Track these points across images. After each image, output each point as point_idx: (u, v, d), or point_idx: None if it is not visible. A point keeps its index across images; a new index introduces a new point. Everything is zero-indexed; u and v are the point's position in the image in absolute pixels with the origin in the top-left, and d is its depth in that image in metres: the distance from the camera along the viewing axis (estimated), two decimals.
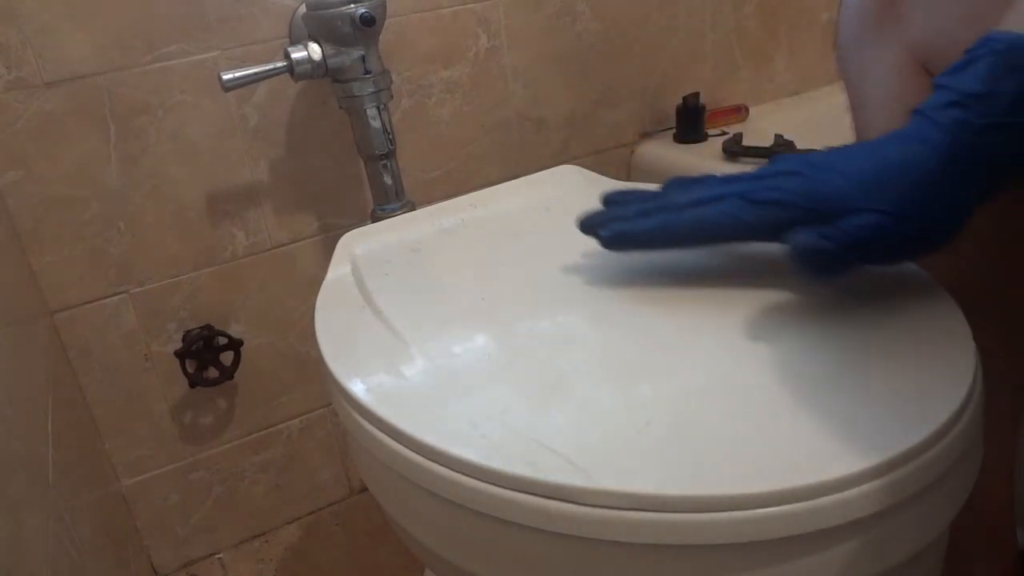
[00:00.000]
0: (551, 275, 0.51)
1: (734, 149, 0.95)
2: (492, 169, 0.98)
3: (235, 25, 0.79)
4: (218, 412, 0.92)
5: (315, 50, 0.75)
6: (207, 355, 0.87)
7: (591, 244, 0.53)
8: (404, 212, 0.81)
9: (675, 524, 0.31)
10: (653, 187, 0.49)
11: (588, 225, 0.48)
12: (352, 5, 0.72)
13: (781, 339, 0.40)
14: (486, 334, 0.45)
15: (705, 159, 0.97)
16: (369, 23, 0.72)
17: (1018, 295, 0.53)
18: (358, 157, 0.84)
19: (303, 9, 0.77)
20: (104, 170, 0.78)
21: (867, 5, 0.52)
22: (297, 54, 0.74)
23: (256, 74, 0.73)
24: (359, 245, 0.60)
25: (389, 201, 0.83)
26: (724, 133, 1.03)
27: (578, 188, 0.64)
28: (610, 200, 0.50)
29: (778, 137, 0.94)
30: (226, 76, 0.72)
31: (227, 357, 0.88)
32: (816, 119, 1.07)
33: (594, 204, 0.49)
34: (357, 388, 0.41)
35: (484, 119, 0.95)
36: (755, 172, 0.44)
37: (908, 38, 0.51)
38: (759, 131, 1.00)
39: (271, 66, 0.74)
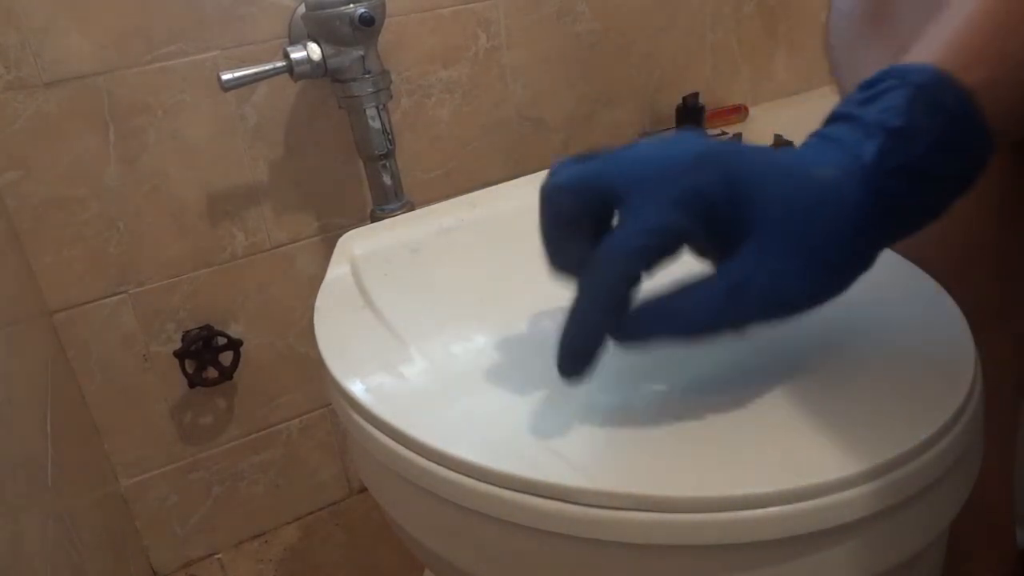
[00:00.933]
0: (551, 275, 0.50)
1: None
2: (492, 169, 0.98)
3: (234, 25, 0.79)
4: (217, 412, 0.92)
5: (314, 50, 0.75)
6: (206, 355, 0.87)
7: None
8: (403, 212, 0.81)
9: (675, 524, 0.31)
10: None
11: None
12: (351, 5, 0.72)
13: (780, 340, 0.39)
14: (485, 334, 0.45)
15: None
16: (368, 23, 0.72)
17: None
18: (357, 157, 0.84)
19: (302, 9, 0.77)
20: (103, 170, 0.78)
21: (856, 6, 0.52)
22: (296, 54, 0.74)
23: (255, 74, 0.73)
24: (358, 245, 0.60)
25: (388, 201, 0.83)
26: (724, 133, 1.03)
27: None
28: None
29: (778, 137, 0.94)
30: (225, 76, 0.72)
31: (226, 357, 0.88)
32: (816, 119, 1.06)
33: None
34: (356, 388, 0.41)
35: (484, 119, 0.95)
36: None
37: (898, 39, 0.50)
38: (759, 131, 1.00)
39: (270, 66, 0.74)
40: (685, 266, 0.34)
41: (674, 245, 0.33)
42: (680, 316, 0.33)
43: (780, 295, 0.32)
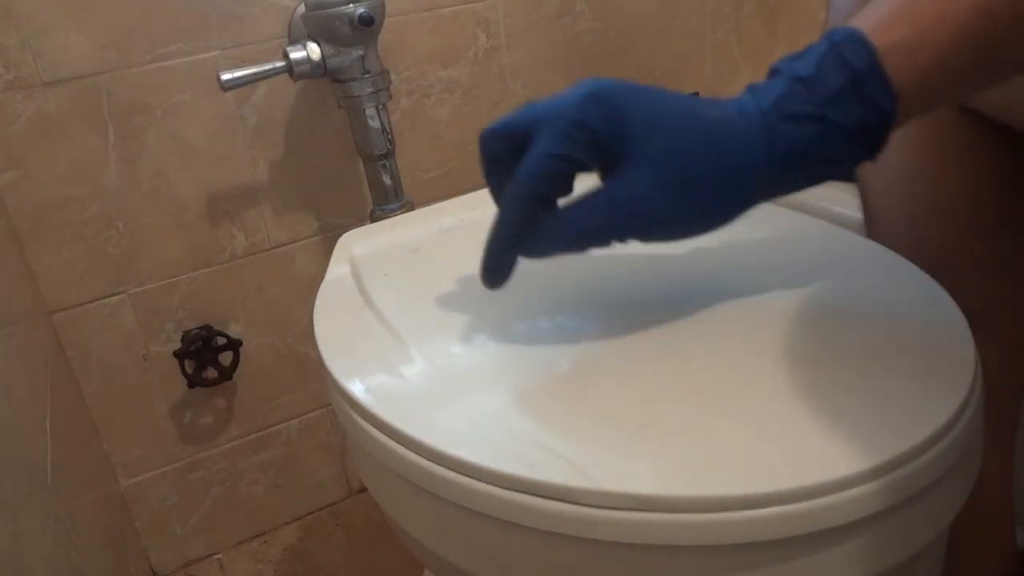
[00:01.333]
0: (549, 275, 0.50)
1: None
2: None
3: (234, 25, 0.79)
4: (217, 412, 0.92)
5: (314, 50, 0.75)
6: (206, 355, 0.87)
7: None
8: (403, 212, 0.81)
9: (675, 524, 0.31)
10: None
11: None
12: (351, 5, 0.72)
13: (781, 339, 0.40)
14: (485, 334, 0.45)
15: None
16: (368, 23, 0.72)
17: None
18: (357, 157, 0.84)
19: (302, 9, 0.77)
20: (103, 170, 0.78)
21: (855, 6, 0.52)
22: (296, 54, 0.74)
23: (255, 74, 0.73)
24: (358, 245, 0.60)
25: (388, 201, 0.83)
26: None
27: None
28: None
29: None
30: (225, 76, 0.71)
31: (226, 357, 0.88)
32: None
33: None
34: (356, 388, 0.41)
35: (484, 119, 0.95)
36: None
37: None
38: None
39: (270, 66, 0.74)
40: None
41: (564, 168, 0.38)
42: (564, 227, 0.38)
43: (641, 210, 0.37)
